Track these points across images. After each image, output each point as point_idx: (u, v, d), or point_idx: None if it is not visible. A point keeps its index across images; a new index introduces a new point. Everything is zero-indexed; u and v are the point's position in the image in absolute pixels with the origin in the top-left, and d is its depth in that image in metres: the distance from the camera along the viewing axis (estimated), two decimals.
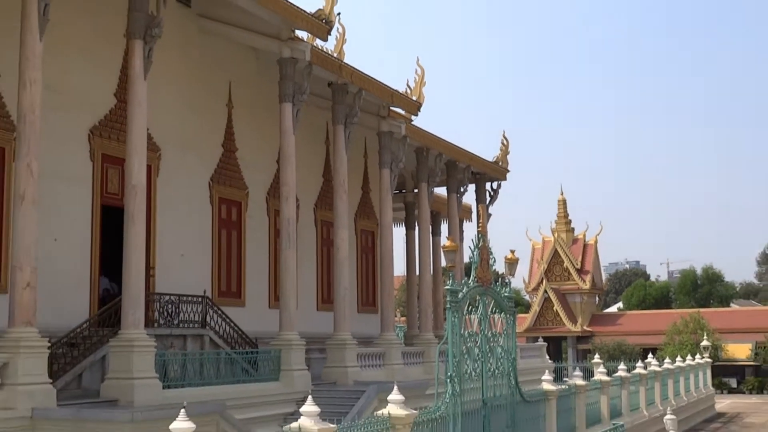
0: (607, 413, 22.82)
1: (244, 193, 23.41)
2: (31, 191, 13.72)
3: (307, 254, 25.62)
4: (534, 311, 57.47)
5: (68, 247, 17.65)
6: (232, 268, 22.73)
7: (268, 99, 21.77)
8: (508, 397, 16.35)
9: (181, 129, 21.09)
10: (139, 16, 16.31)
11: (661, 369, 30.62)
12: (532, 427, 17.71)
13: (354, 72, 22.50)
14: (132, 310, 15.44)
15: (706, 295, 76.30)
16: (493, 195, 34.10)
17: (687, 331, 51.41)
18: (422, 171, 28.53)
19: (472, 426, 14.68)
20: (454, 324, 14.38)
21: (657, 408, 28.44)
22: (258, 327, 21.50)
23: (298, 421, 10.04)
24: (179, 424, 8.20)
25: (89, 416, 13.06)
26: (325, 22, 20.76)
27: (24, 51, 14.08)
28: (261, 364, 18.75)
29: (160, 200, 20.15)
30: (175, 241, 20.59)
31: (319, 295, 26.58)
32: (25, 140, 13.84)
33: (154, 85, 17.30)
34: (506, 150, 34.25)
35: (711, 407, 38.31)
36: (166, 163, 20.47)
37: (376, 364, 23.05)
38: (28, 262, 13.57)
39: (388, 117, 25.01)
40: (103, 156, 18.78)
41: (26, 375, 13.08)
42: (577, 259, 58.04)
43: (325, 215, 26.41)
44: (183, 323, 18.80)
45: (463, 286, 15.02)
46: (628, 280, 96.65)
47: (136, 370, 14.94)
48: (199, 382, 16.75)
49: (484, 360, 15.49)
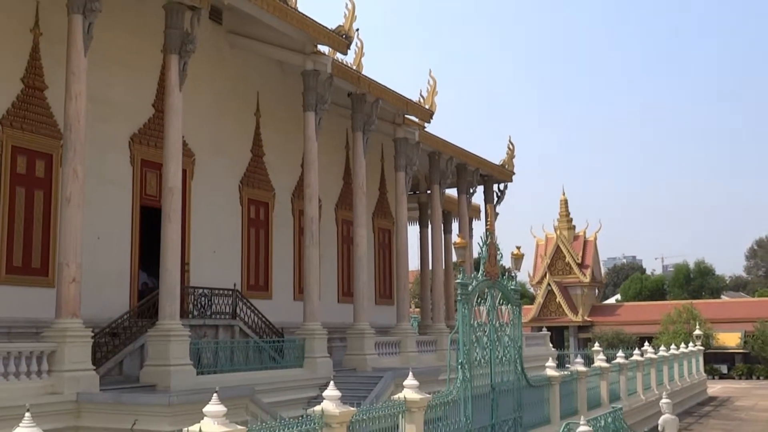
0: (606, 397, 22.70)
1: (271, 195, 23.43)
2: (76, 194, 13.79)
3: (328, 250, 25.62)
4: (538, 303, 57.25)
5: (110, 244, 17.72)
6: (260, 263, 22.76)
7: (293, 108, 21.79)
8: (514, 382, 16.28)
9: (213, 136, 21.13)
10: (174, 33, 16.36)
11: (656, 356, 30.42)
12: (537, 409, 17.63)
13: (371, 83, 22.49)
14: (168, 302, 15.48)
15: (699, 288, 75.76)
16: (500, 196, 34.01)
17: (680, 321, 51.08)
18: (434, 174, 28.49)
19: (482, 409, 14.63)
20: (465, 315, 14.34)
21: (653, 392, 28.26)
22: (284, 318, 21.52)
23: (321, 404, 10.04)
24: (212, 408, 8.20)
25: (129, 400, 13.11)
26: (345, 37, 20.77)
27: (70, 66, 14.16)
28: (286, 351, 18.76)
29: (194, 201, 20.20)
30: (208, 239, 20.64)
31: (340, 288, 26.57)
32: (71, 147, 13.92)
33: (189, 95, 17.35)
34: (512, 154, 34.16)
35: (703, 392, 38.05)
36: (199, 167, 20.52)
37: (393, 352, 23.03)
38: (74, 258, 13.64)
39: (403, 124, 25.00)
40: (142, 161, 18.84)
41: (72, 362, 13.15)
42: (578, 255, 57.77)
43: (346, 215, 26.40)
44: (215, 314, 18.84)
45: (473, 280, 14.98)
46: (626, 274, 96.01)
47: (173, 357, 14.99)
48: (230, 369, 16.78)
49: (492, 348, 15.43)
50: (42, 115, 16.39)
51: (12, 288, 15.50)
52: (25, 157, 16.07)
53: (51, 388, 12.92)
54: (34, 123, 16.23)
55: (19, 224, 15.82)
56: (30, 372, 12.73)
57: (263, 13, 18.49)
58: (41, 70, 16.44)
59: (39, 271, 16.08)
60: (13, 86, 16.01)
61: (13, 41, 16.05)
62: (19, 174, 15.93)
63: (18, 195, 15.89)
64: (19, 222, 15.83)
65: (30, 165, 16.16)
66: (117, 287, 17.85)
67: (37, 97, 16.35)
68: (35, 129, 16.23)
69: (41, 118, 16.37)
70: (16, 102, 16.01)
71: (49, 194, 16.39)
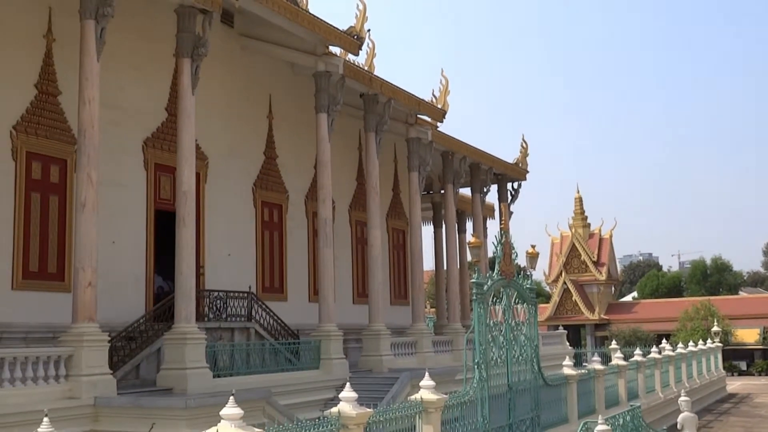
0: (624, 395, 22.59)
1: (285, 197, 23.47)
2: (91, 199, 13.85)
3: (343, 252, 25.62)
4: (554, 301, 57.07)
5: (125, 249, 17.80)
6: (275, 265, 22.79)
7: (305, 110, 21.80)
8: (531, 381, 16.23)
9: (226, 139, 21.19)
10: (186, 36, 16.41)
11: (674, 354, 30.26)
12: (555, 409, 17.57)
13: (383, 83, 22.48)
14: (184, 305, 15.53)
15: (716, 284, 75.32)
16: (514, 194, 33.91)
17: (698, 317, 50.78)
18: (448, 173, 28.43)
19: (499, 408, 14.59)
20: (480, 314, 14.30)
21: (671, 390, 28.12)
22: (299, 319, 21.54)
23: (338, 405, 10.04)
24: (229, 410, 8.21)
25: (147, 404, 13.15)
26: (356, 38, 20.77)
27: (83, 71, 14.22)
28: (302, 353, 18.78)
29: (208, 205, 20.26)
30: (223, 242, 20.69)
31: (355, 289, 26.57)
32: (85, 152, 13.98)
33: (201, 99, 17.39)
34: (525, 152, 34.06)
35: (722, 389, 37.81)
36: (213, 170, 20.58)
37: (409, 353, 23.01)
38: (90, 263, 13.70)
39: (416, 124, 24.97)
40: (156, 165, 18.92)
41: (89, 366, 13.21)
42: (593, 253, 57.55)
43: (359, 216, 26.40)
44: (230, 317, 18.87)
45: (488, 279, 14.94)
46: (642, 271, 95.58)
47: (189, 360, 15.03)
48: (246, 371, 16.82)
49: (508, 347, 15.39)
50: (56, 120, 16.49)
51: (29, 293, 15.60)
52: (39, 162, 16.17)
53: (69, 393, 12.98)
54: (48, 128, 16.33)
55: (34, 230, 15.92)
56: (48, 377, 12.79)
57: (274, 15, 18.52)
58: (54, 75, 16.54)
59: (55, 276, 16.17)
60: (27, 92, 16.12)
61: (26, 48, 16.16)
62: (34, 180, 16.03)
63: (33, 201, 15.98)
64: (34, 227, 15.92)
65: (44, 170, 16.26)
66: (133, 291, 17.94)
67: (51, 103, 16.45)
68: (49, 134, 16.33)
69: (55, 123, 16.47)
70: (30, 108, 16.11)
71: (63, 199, 16.48)
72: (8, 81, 15.76)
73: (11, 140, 15.70)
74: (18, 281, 15.51)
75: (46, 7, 16.50)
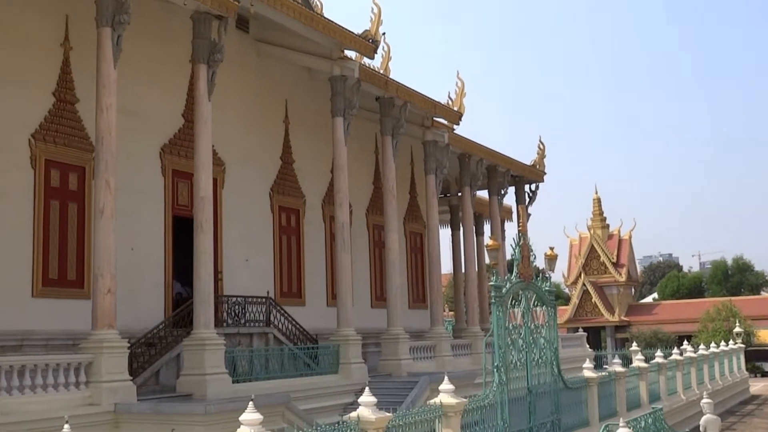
0: (646, 397, 22.43)
1: (302, 201, 23.52)
2: (109, 205, 13.93)
3: (360, 256, 25.63)
4: (573, 303, 56.80)
5: (144, 255, 17.90)
6: (293, 270, 22.84)
7: (321, 114, 21.86)
8: (551, 384, 16.14)
9: (242, 144, 21.27)
10: (202, 42, 16.50)
11: (696, 355, 30.01)
12: (575, 412, 17.47)
13: (399, 86, 22.49)
14: (203, 311, 15.59)
15: (737, 284, 74.63)
16: (531, 196, 33.81)
17: (720, 318, 50.34)
18: (465, 176, 28.40)
19: (519, 412, 14.52)
20: (499, 317, 14.25)
21: (694, 392, 27.88)
22: (317, 324, 21.56)
23: (357, 410, 10.02)
24: (248, 416, 8.23)
25: (167, 409, 13.20)
26: (372, 41, 20.81)
27: (100, 79, 14.32)
28: (321, 358, 18.79)
29: (226, 210, 20.34)
30: (240, 247, 20.76)
31: (373, 293, 26.57)
32: (102, 159, 14.07)
33: (218, 105, 17.48)
34: (543, 154, 33.95)
35: (746, 390, 37.45)
36: (230, 176, 20.66)
37: (428, 356, 22.97)
38: (109, 270, 13.77)
39: (432, 127, 24.96)
40: (174, 171, 19.02)
41: (109, 373, 13.27)
42: (612, 254, 57.26)
43: (376, 219, 26.41)
44: (249, 322, 18.92)
45: (507, 282, 14.89)
46: (662, 272, 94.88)
47: (208, 366, 15.08)
48: (265, 376, 16.85)
49: (528, 350, 15.33)
50: (74, 128, 16.62)
51: (48, 300, 15.73)
52: (58, 170, 16.29)
53: (89, 400, 13.05)
54: (66, 136, 16.46)
55: (54, 237, 16.04)
56: (68, 384, 12.87)
57: (289, 20, 18.58)
58: (72, 83, 16.67)
59: (74, 283, 16.28)
60: (45, 100, 16.26)
61: (44, 56, 16.30)
62: (52, 187, 16.16)
63: (52, 208, 16.11)
64: (54, 235, 16.05)
65: (63, 178, 16.39)
66: (152, 297, 18.02)
67: (69, 111, 16.59)
68: (67, 142, 16.46)
69: (73, 131, 16.60)
70: (49, 116, 16.26)
71: (82, 206, 16.60)
72: (27, 89, 15.92)
73: (30, 148, 15.85)
74: (38, 289, 15.64)
75: (63, 15, 16.65)
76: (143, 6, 16.83)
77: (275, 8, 17.93)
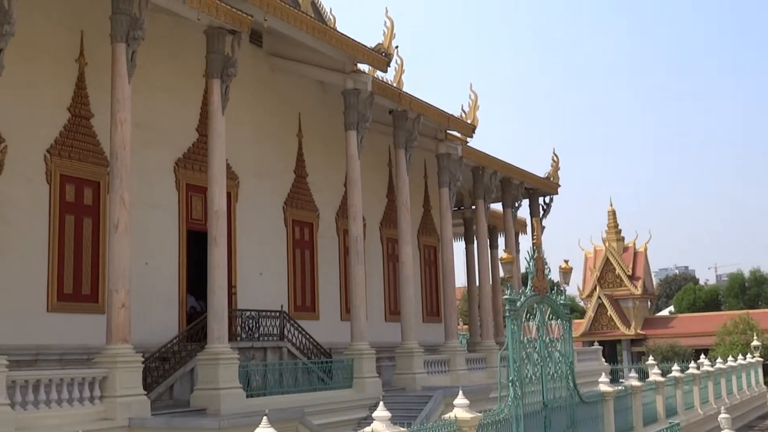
0: (662, 412, 22.26)
1: (315, 215, 23.56)
2: (123, 220, 14.01)
3: (374, 269, 25.63)
4: (589, 317, 56.50)
5: (158, 269, 17.97)
6: (306, 284, 22.85)
7: (335, 127, 21.92)
8: (567, 398, 16.05)
9: (256, 158, 21.35)
10: (216, 57, 16.61)
11: (713, 369, 29.77)
12: (591, 426, 17.35)
13: (413, 99, 22.53)
14: (217, 325, 15.62)
15: (755, 297, 74.04)
16: (546, 209, 33.73)
17: (737, 331, 49.92)
18: (479, 188, 28.37)
19: (534, 427, 14.44)
20: (514, 331, 14.20)
21: (711, 406, 27.65)
22: (331, 338, 21.55)
23: (371, 425, 10.00)
24: (262, 430, 8.24)
25: (181, 424, 13.23)
26: (385, 55, 20.88)
27: (115, 94, 14.44)
28: (335, 372, 18.77)
29: (240, 224, 20.40)
30: (254, 261, 20.80)
31: (387, 307, 26.54)
32: (117, 174, 14.16)
33: (232, 119, 17.57)
34: (557, 166, 33.91)
35: (764, 404, 37.08)
36: (243, 190, 20.74)
37: (442, 370, 22.90)
38: (123, 284, 13.84)
39: (446, 140, 24.98)
40: (188, 185, 19.11)
41: (123, 387, 13.32)
42: (628, 266, 56.98)
43: (390, 233, 26.41)
44: (263, 336, 18.93)
45: (521, 296, 14.84)
46: (678, 285, 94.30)
47: (222, 380, 15.10)
48: (279, 391, 16.84)
49: (543, 364, 15.25)
50: (89, 143, 16.74)
51: (63, 315, 15.80)
52: (73, 185, 16.41)
53: (103, 414, 13.09)
54: (81, 151, 16.58)
55: (68, 252, 16.14)
56: (83, 398, 12.92)
57: (302, 35, 18.69)
58: (87, 98, 16.81)
59: (89, 297, 16.36)
60: (61, 115, 16.40)
61: (59, 72, 16.45)
62: (67, 202, 16.27)
63: (67, 223, 16.22)
64: (68, 249, 16.15)
65: (78, 193, 16.50)
66: (166, 312, 18.08)
67: (84, 126, 16.72)
68: (82, 157, 16.58)
69: (88, 146, 16.72)
70: (64, 131, 16.39)
71: (97, 221, 16.69)
72: (42, 104, 16.07)
73: (45, 163, 15.97)
74: (53, 303, 15.72)
75: (78, 31, 16.81)
76: (157, 21, 16.97)
77: (289, 23, 18.04)
